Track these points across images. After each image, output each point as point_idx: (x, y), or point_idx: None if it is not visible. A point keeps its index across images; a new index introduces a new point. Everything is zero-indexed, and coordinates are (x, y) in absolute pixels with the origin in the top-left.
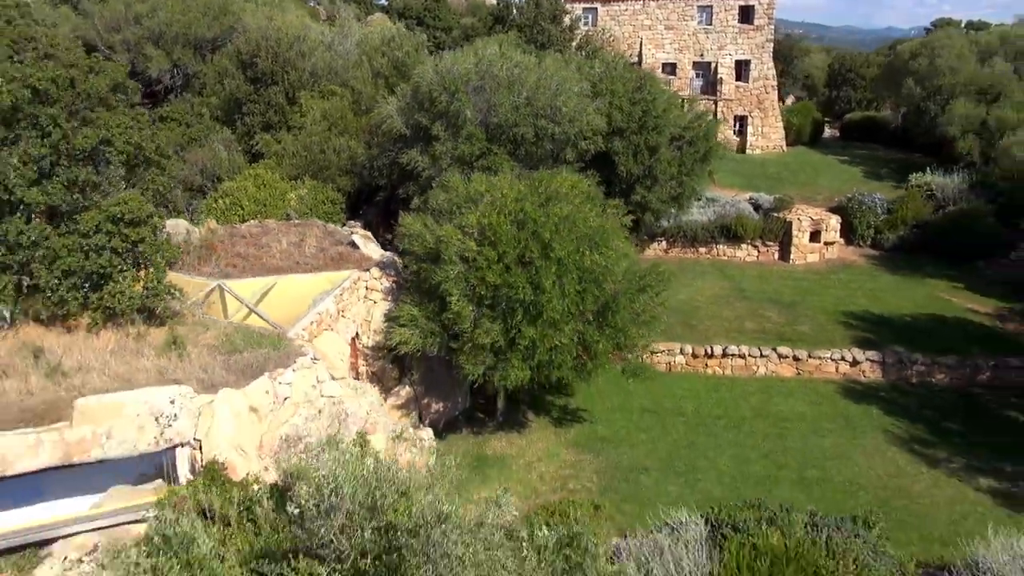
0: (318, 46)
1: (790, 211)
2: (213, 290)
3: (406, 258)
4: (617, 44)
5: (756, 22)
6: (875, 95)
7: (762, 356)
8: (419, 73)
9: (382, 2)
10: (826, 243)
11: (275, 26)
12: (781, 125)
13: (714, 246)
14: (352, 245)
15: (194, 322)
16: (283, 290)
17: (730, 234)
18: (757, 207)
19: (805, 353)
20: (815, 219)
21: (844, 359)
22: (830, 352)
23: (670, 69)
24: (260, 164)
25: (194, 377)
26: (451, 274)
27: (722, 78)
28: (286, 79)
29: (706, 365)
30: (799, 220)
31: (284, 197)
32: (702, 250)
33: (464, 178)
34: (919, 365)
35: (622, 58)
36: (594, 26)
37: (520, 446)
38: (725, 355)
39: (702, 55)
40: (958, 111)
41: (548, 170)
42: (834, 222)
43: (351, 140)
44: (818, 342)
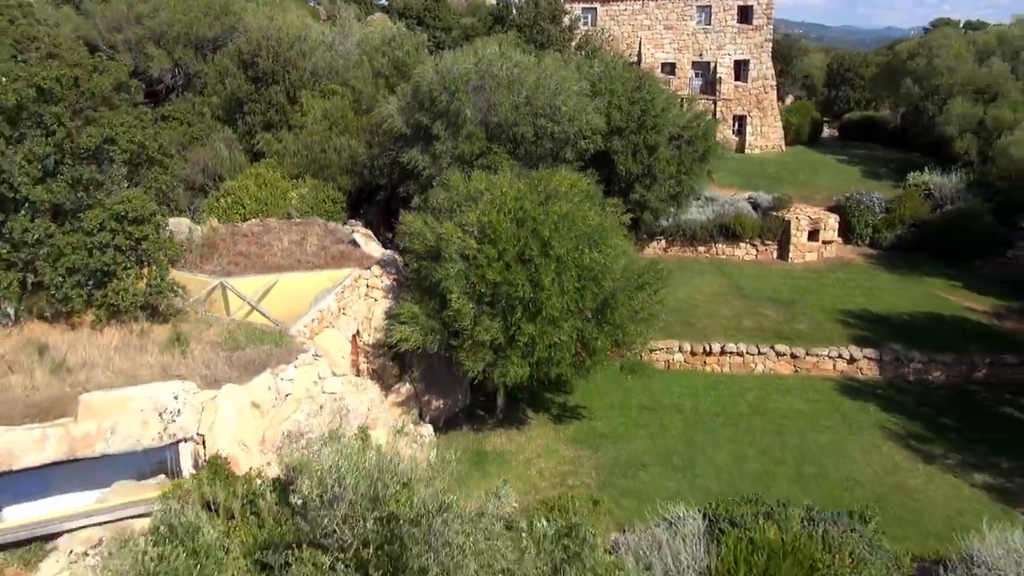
0: (319, 46)
1: (788, 210)
2: (215, 288)
3: (407, 256)
4: (616, 44)
5: (755, 22)
6: (874, 95)
7: (760, 354)
8: (419, 73)
9: (382, 2)
10: (824, 242)
11: (276, 26)
12: (780, 125)
13: (713, 245)
14: (353, 243)
15: (197, 319)
16: (285, 288)
17: (729, 233)
18: (756, 206)
19: (803, 351)
20: (813, 218)
21: (842, 357)
22: (828, 350)
23: (669, 69)
24: (261, 163)
25: (197, 373)
26: (451, 272)
27: (721, 78)
28: (287, 78)
29: (704, 363)
30: (797, 219)
31: (285, 196)
32: (701, 249)
33: (464, 177)
34: (916, 363)
35: (621, 58)
36: (593, 26)
37: (520, 442)
38: (723, 353)
39: (701, 55)
40: (956, 111)
41: (547, 169)
42: (832, 221)
43: (352, 139)
44: (816, 340)
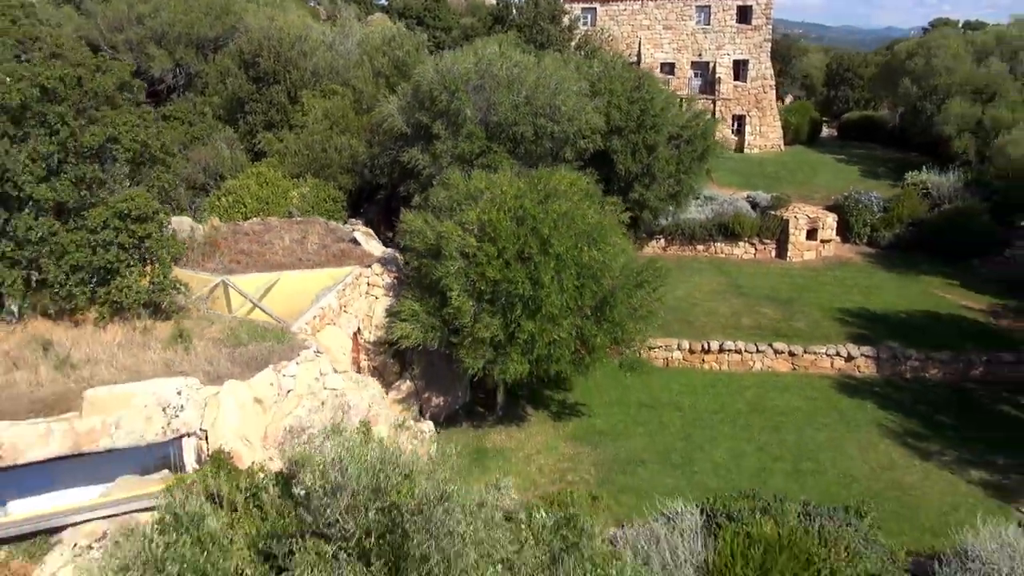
0: (319, 46)
1: (787, 209)
2: (217, 285)
3: (407, 254)
4: (616, 44)
5: (754, 22)
6: (873, 95)
7: (758, 352)
8: (419, 72)
9: (382, 2)
10: (822, 241)
11: (277, 26)
12: (779, 124)
13: (712, 244)
14: (354, 242)
15: (199, 316)
16: (286, 286)
17: (728, 232)
18: (755, 205)
19: (801, 349)
20: (812, 217)
21: (839, 355)
22: (825, 348)
23: (668, 69)
24: (262, 162)
25: (200, 369)
26: (451, 270)
27: (720, 78)
28: (288, 78)
29: (703, 360)
30: (796, 218)
31: (286, 195)
32: (700, 248)
33: (464, 176)
34: (913, 360)
35: (620, 58)
36: (593, 26)
37: (519, 439)
38: (722, 350)
39: (700, 55)
40: (954, 110)
41: (547, 168)
42: (830, 220)
43: (352, 139)
44: (814, 338)
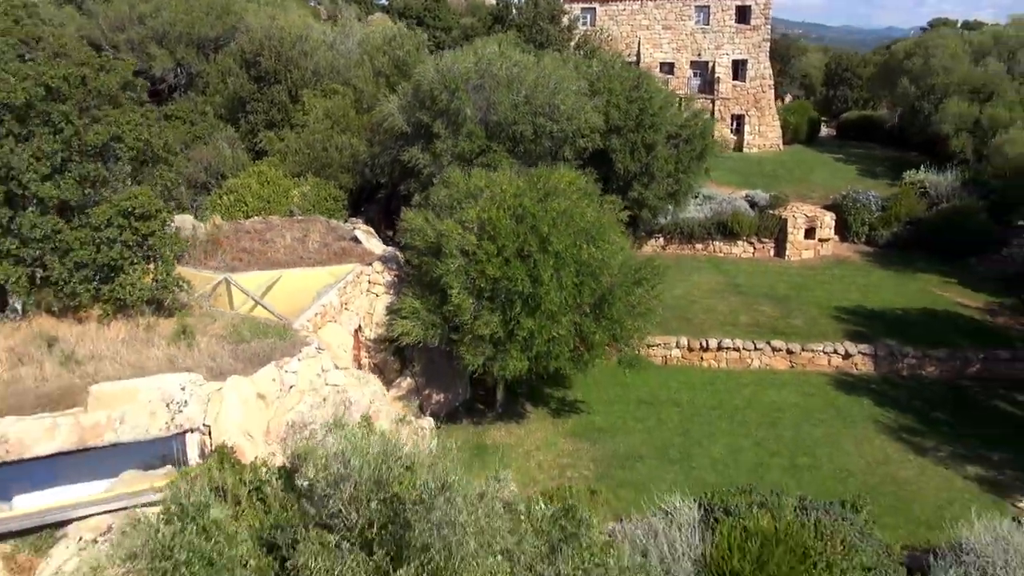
0: (320, 45)
1: (785, 208)
2: (220, 283)
3: (407, 252)
4: (615, 44)
5: (753, 22)
6: (871, 94)
7: (756, 349)
8: (420, 72)
9: (382, 2)
10: (821, 240)
11: (278, 25)
12: (778, 124)
13: (710, 243)
14: (355, 240)
15: (202, 313)
16: (287, 283)
17: (726, 231)
18: (753, 204)
19: (798, 346)
20: (810, 216)
21: (836, 352)
22: (823, 345)
23: (668, 68)
24: (264, 161)
25: (203, 365)
26: (452, 267)
27: (719, 77)
28: (289, 78)
29: (701, 358)
30: (794, 217)
31: (287, 194)
32: (699, 246)
33: (464, 174)
34: (910, 358)
35: (619, 57)
36: (592, 26)
37: (519, 436)
38: (720, 348)
39: (699, 55)
40: (951, 110)
41: (546, 167)
42: (828, 219)
43: (353, 138)
44: (811, 336)
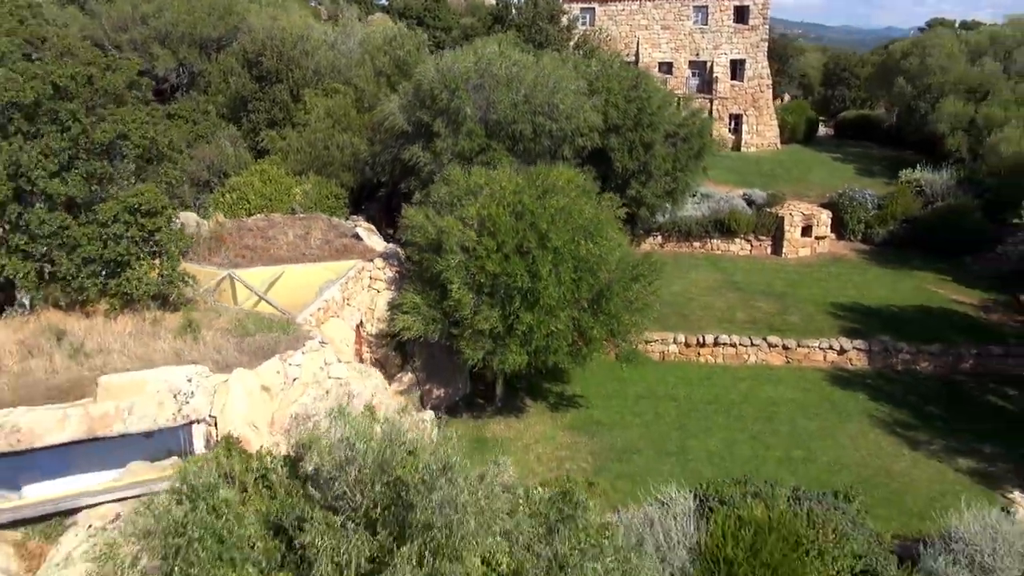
0: (321, 45)
1: (783, 207)
2: (224, 279)
3: (408, 249)
4: (614, 43)
5: (751, 22)
6: (869, 94)
7: (753, 345)
8: (420, 71)
9: (382, 2)
10: (817, 237)
11: (279, 25)
12: (776, 123)
13: (708, 240)
14: (356, 237)
15: (206, 308)
16: (290, 279)
17: (724, 229)
18: (751, 203)
19: (794, 342)
20: (807, 214)
21: (832, 348)
22: (818, 341)
23: (667, 68)
24: (266, 160)
25: (209, 358)
26: (452, 263)
27: (717, 77)
28: (290, 77)
29: (698, 354)
30: (791, 215)
31: (289, 192)
32: (696, 244)
33: (464, 172)
34: (904, 353)
35: (618, 57)
36: (591, 26)
37: (518, 429)
38: (717, 344)
39: (698, 54)
40: (947, 109)
41: (545, 165)
42: (825, 217)
43: (354, 137)
44: (807, 332)
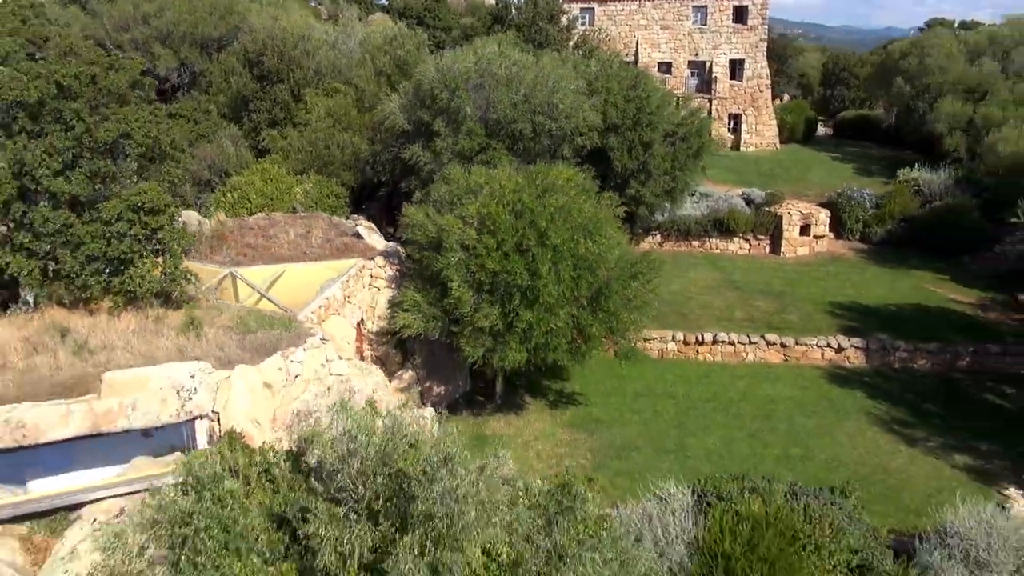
0: (322, 45)
1: (781, 206)
2: (225, 277)
3: (409, 247)
4: (613, 43)
5: (750, 22)
6: (868, 94)
7: (751, 343)
8: (420, 71)
9: (382, 2)
10: (815, 237)
11: (280, 25)
12: (775, 123)
13: (707, 239)
14: (357, 236)
15: (208, 306)
16: (291, 278)
17: (723, 228)
18: (749, 202)
19: (792, 340)
20: (805, 214)
21: (830, 346)
22: (816, 339)
23: (666, 68)
24: (267, 159)
25: (211, 355)
26: (452, 261)
27: (717, 77)
28: (291, 77)
29: (697, 352)
30: (789, 214)
31: (290, 191)
32: (695, 243)
33: (464, 171)
34: (902, 351)
35: (617, 57)
36: (591, 26)
37: (518, 427)
38: (715, 342)
39: (697, 54)
40: (946, 109)
41: (545, 164)
42: (823, 216)
43: (355, 136)
44: (805, 330)
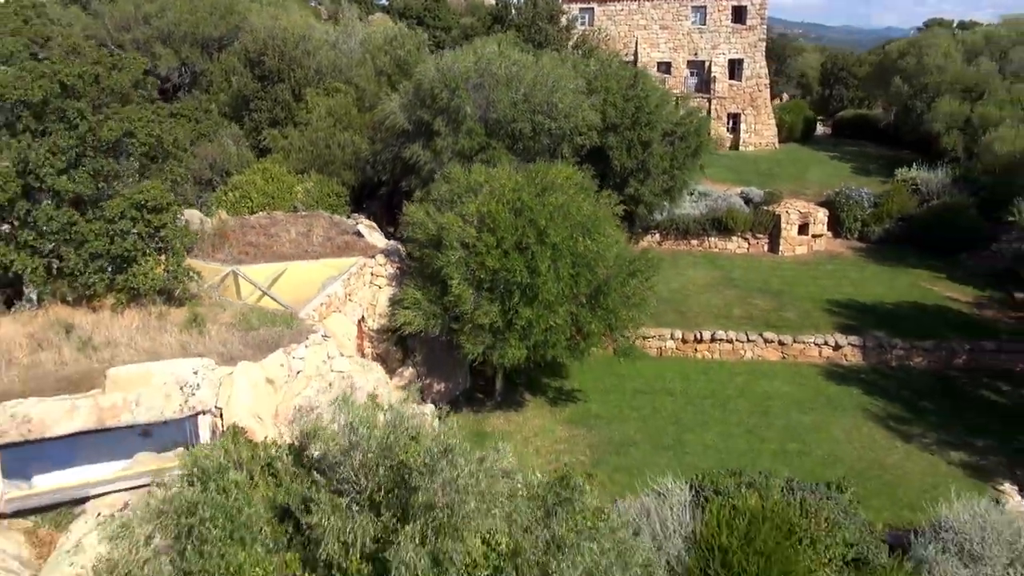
0: (323, 45)
1: (779, 205)
2: (228, 275)
3: (409, 245)
4: (613, 43)
5: (749, 22)
6: (867, 93)
7: (749, 341)
8: (421, 71)
9: (382, 2)
10: (814, 235)
11: (281, 25)
12: (773, 122)
13: (706, 238)
14: (357, 234)
15: (211, 303)
16: (293, 276)
17: (721, 227)
18: (748, 201)
19: (790, 338)
20: (803, 212)
21: (827, 343)
22: (814, 337)
23: (665, 68)
24: (268, 159)
25: (214, 351)
26: (452, 259)
27: (715, 76)
28: (292, 77)
29: (695, 349)
30: (788, 213)
31: (291, 190)
32: (694, 242)
33: (464, 170)
34: (898, 349)
35: (616, 56)
36: (590, 25)
37: (517, 423)
38: (714, 340)
39: (696, 54)
40: (943, 108)
41: (544, 163)
42: (821, 215)
43: (355, 136)
44: (803, 328)
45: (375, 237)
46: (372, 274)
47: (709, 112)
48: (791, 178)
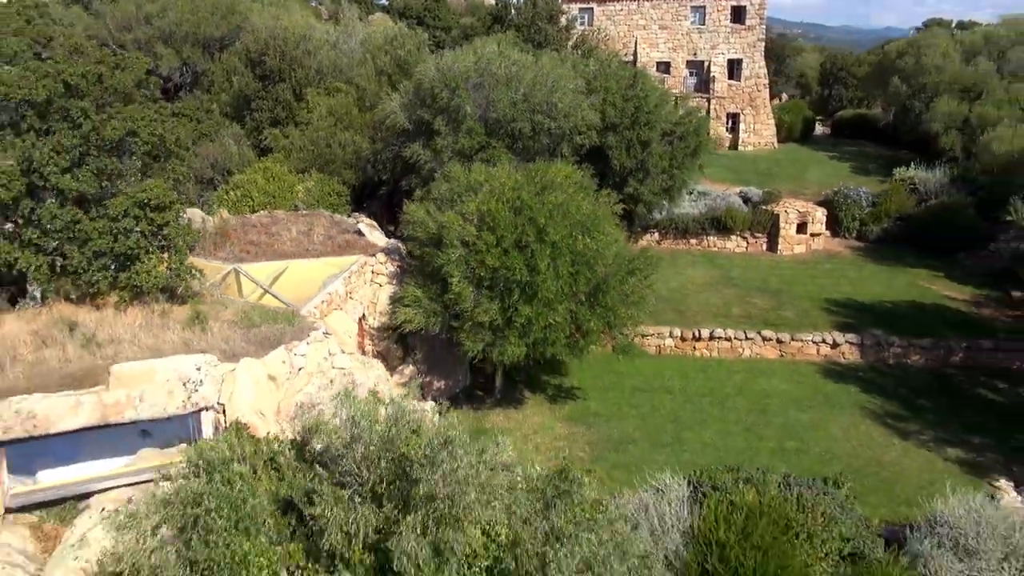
0: (323, 45)
1: (778, 204)
2: (229, 273)
3: (410, 243)
4: (612, 43)
5: (748, 22)
6: (866, 93)
7: (747, 339)
8: (421, 71)
9: (382, 2)
10: (812, 235)
11: (282, 25)
12: (773, 122)
13: (705, 238)
14: (358, 233)
15: (213, 301)
16: (294, 274)
17: (720, 226)
18: (747, 200)
19: (788, 336)
20: (802, 212)
21: (825, 342)
22: (812, 335)
23: (664, 68)
24: (269, 158)
25: (217, 348)
26: (452, 257)
27: (715, 76)
28: (293, 76)
29: (694, 348)
30: (786, 212)
31: (292, 189)
32: (693, 241)
33: (464, 169)
34: (896, 347)
35: (616, 56)
36: (590, 25)
37: (517, 420)
38: (712, 338)
39: (695, 54)
40: (941, 108)
41: (544, 162)
42: (820, 214)
43: (356, 135)
44: (801, 326)
45: (376, 236)
46: (373, 272)
47: (708, 112)
48: (790, 178)
